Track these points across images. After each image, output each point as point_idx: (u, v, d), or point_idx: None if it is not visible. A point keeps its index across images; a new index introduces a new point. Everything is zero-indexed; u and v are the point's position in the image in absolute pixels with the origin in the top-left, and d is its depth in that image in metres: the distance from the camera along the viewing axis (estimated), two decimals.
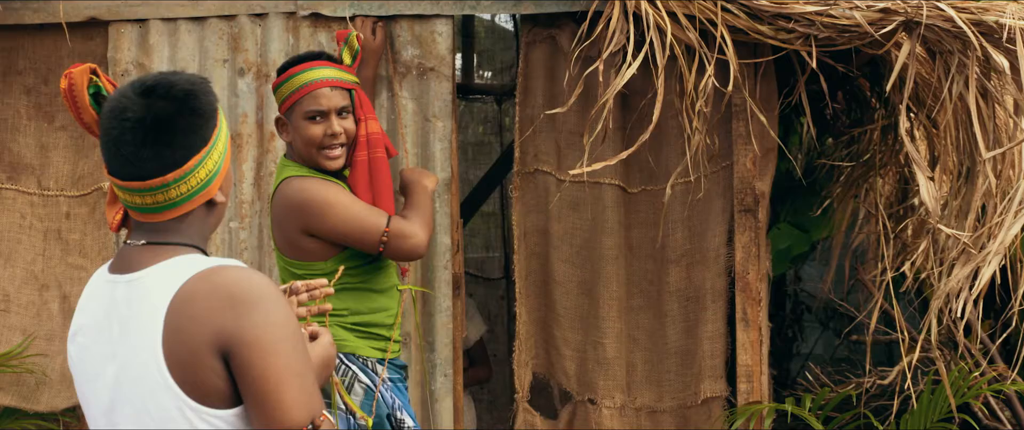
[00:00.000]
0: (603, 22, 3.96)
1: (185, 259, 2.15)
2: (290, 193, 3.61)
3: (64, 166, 4.33)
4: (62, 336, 4.27)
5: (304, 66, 3.65)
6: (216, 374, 2.08)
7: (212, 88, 2.23)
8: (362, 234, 3.60)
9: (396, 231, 3.62)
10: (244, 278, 2.10)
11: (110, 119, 2.15)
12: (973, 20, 3.69)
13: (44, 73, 4.33)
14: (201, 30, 4.24)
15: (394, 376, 3.76)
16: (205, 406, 2.09)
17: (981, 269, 3.74)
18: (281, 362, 2.07)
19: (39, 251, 4.32)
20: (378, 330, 3.72)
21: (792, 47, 3.91)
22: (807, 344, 6.60)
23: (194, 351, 2.07)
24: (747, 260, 4.17)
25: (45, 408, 4.25)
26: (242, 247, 4.21)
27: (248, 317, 2.06)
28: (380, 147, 3.74)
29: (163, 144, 2.13)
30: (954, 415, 4.09)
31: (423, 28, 4.20)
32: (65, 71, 2.26)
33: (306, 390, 2.10)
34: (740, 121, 4.12)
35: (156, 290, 2.11)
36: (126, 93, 2.15)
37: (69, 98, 2.27)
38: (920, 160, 3.83)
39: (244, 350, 2.05)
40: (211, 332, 2.06)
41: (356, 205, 3.62)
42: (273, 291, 2.11)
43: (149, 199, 2.16)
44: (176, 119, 2.13)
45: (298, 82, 3.63)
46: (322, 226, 3.57)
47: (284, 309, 2.11)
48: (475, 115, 6.85)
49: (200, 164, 2.17)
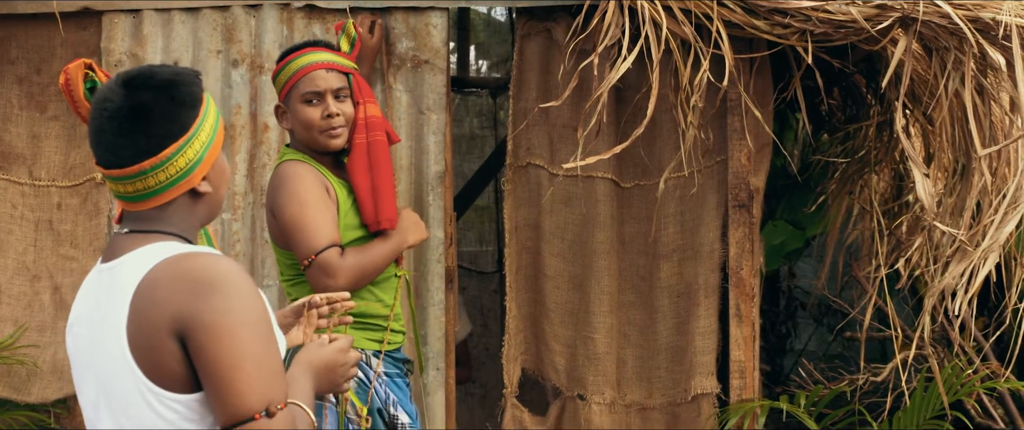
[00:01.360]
0: (599, 16, 3.94)
1: (159, 246, 2.17)
2: (279, 171, 3.60)
3: (56, 156, 4.31)
4: (53, 327, 4.25)
5: (300, 52, 3.64)
6: (175, 358, 2.09)
7: (199, 80, 2.25)
8: (297, 240, 3.50)
9: (323, 264, 3.47)
10: (210, 264, 2.11)
11: (94, 109, 2.20)
12: (969, 16, 3.68)
13: (37, 63, 4.31)
14: (195, 21, 4.22)
15: (392, 371, 3.69)
16: (165, 390, 2.10)
17: (976, 267, 3.73)
18: (236, 347, 2.06)
19: (30, 242, 4.30)
20: (374, 320, 3.67)
21: (788, 42, 3.90)
22: (801, 340, 6.59)
23: (153, 334, 2.08)
24: (741, 255, 4.16)
25: (36, 399, 4.24)
26: (235, 239, 4.20)
27: (206, 301, 2.06)
28: (379, 130, 3.69)
29: (139, 132, 2.16)
30: (946, 413, 4.08)
31: (418, 20, 4.18)
32: (63, 67, 2.31)
33: (263, 377, 2.09)
34: (735, 116, 4.11)
35: (127, 276, 2.14)
36: (110, 84, 2.20)
37: (66, 92, 2.36)
38: (916, 156, 3.82)
39: (199, 334, 2.06)
40: (169, 315, 2.07)
41: (317, 214, 3.51)
42: (238, 278, 2.11)
43: (130, 187, 2.19)
44: (153, 107, 2.16)
45: (294, 67, 3.61)
46: (280, 210, 3.52)
47: (247, 296, 2.11)
48: (470, 108, 6.84)
49: (178, 152, 2.18)
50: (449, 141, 4.22)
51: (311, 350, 2.40)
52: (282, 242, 3.60)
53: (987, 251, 3.67)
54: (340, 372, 2.43)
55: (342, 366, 2.43)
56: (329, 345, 2.42)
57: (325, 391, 2.42)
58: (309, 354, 2.39)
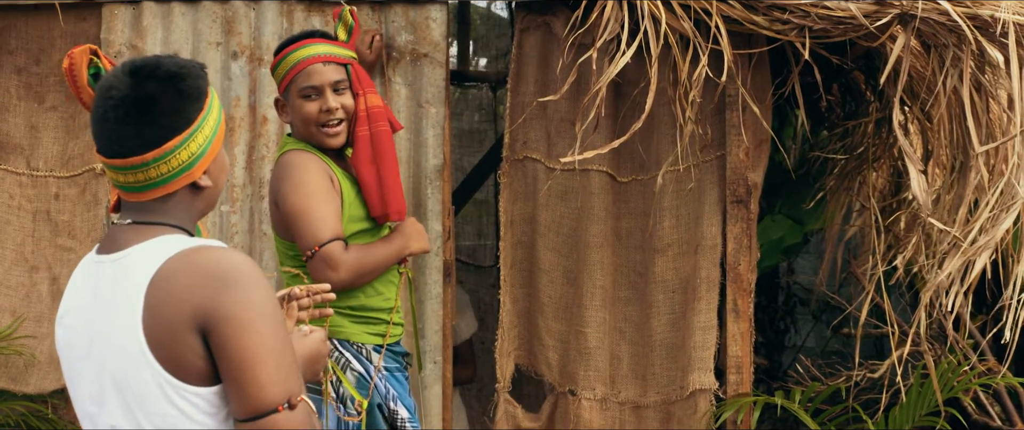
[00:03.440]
0: (598, 10, 3.94)
1: (168, 239, 2.17)
2: (283, 160, 3.58)
3: (54, 147, 4.31)
4: (51, 318, 4.25)
5: (297, 45, 3.61)
6: (194, 352, 2.09)
7: (205, 73, 2.25)
8: (301, 230, 3.48)
9: (326, 256, 3.45)
10: (224, 257, 2.12)
11: (98, 97, 2.20)
12: (968, 13, 3.68)
13: (36, 53, 4.31)
14: (195, 12, 4.22)
15: (391, 365, 3.68)
16: (184, 383, 2.11)
17: (971, 263, 3.73)
18: (258, 340, 2.08)
19: (28, 232, 4.31)
20: (375, 314, 3.66)
21: (786, 38, 3.90)
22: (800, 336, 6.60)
23: (172, 329, 2.09)
24: (738, 251, 4.16)
25: (34, 390, 4.25)
26: (233, 231, 4.20)
27: (226, 295, 2.07)
28: (382, 120, 3.66)
29: (144, 123, 2.16)
30: (941, 409, 4.08)
31: (417, 14, 4.18)
32: (62, 58, 2.32)
33: (283, 369, 2.11)
34: (733, 112, 4.11)
35: (137, 269, 2.13)
36: (116, 72, 2.20)
37: (70, 77, 2.40)
38: (912, 153, 3.82)
39: (222, 327, 2.07)
40: (189, 309, 2.08)
41: (322, 206, 3.50)
42: (253, 271, 2.12)
43: (131, 177, 2.19)
44: (159, 98, 2.16)
45: (292, 61, 3.59)
46: (284, 199, 3.50)
47: (263, 289, 2.12)
48: (470, 102, 6.84)
49: (181, 145, 2.19)
50: (448, 135, 4.22)
51: (295, 341, 2.41)
52: (284, 232, 3.58)
53: (982, 248, 3.67)
54: (320, 363, 2.45)
55: (323, 356, 2.46)
56: (310, 335, 2.43)
57: (308, 380, 2.43)
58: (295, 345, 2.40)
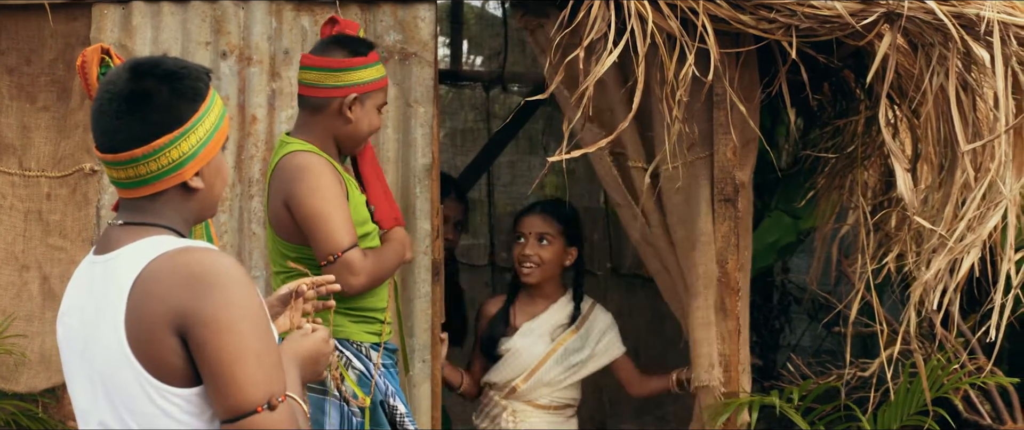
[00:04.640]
0: (584, 9, 3.94)
1: (155, 239, 2.18)
2: (296, 161, 3.56)
3: (45, 147, 4.32)
4: (41, 317, 4.27)
5: (378, 57, 3.72)
6: (174, 353, 2.10)
7: (207, 77, 2.27)
8: (320, 236, 3.50)
9: (348, 263, 3.50)
10: (208, 259, 2.13)
11: (99, 90, 2.24)
12: (954, 12, 3.68)
13: (27, 53, 4.32)
14: (184, 12, 4.23)
15: (386, 361, 3.72)
16: (164, 384, 2.12)
17: (959, 261, 3.73)
18: (236, 341, 2.08)
19: (19, 232, 4.32)
20: (372, 313, 3.68)
21: (773, 37, 3.90)
22: (794, 335, 6.59)
23: (153, 329, 2.10)
24: (726, 249, 4.16)
25: (24, 389, 4.25)
26: (222, 230, 4.21)
27: (207, 297, 2.08)
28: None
29: (137, 118, 2.18)
30: (929, 408, 4.08)
31: (406, 13, 4.19)
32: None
33: (264, 370, 2.11)
34: (721, 110, 4.11)
35: (124, 269, 2.15)
36: (118, 68, 2.24)
37: (82, 75, 2.49)
38: (897, 151, 3.83)
39: (200, 329, 2.08)
40: (169, 310, 2.09)
41: (339, 212, 3.52)
42: (237, 273, 2.13)
43: (122, 173, 2.21)
44: (153, 95, 2.18)
45: (382, 71, 3.69)
46: (299, 202, 3.51)
47: (246, 291, 2.13)
48: (464, 102, 6.84)
49: (172, 144, 2.20)
50: (436, 134, 4.22)
51: (296, 340, 2.42)
52: (287, 232, 3.59)
53: (969, 246, 3.67)
54: (322, 362, 2.45)
55: (325, 355, 2.45)
56: (312, 335, 2.44)
57: (309, 380, 2.44)
58: (295, 345, 2.41)
